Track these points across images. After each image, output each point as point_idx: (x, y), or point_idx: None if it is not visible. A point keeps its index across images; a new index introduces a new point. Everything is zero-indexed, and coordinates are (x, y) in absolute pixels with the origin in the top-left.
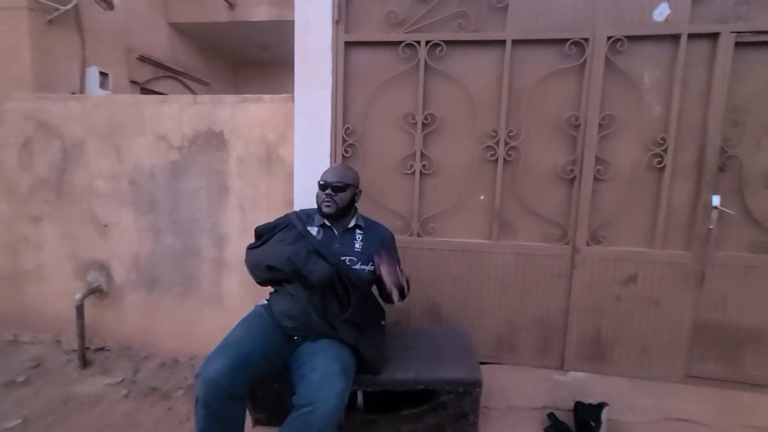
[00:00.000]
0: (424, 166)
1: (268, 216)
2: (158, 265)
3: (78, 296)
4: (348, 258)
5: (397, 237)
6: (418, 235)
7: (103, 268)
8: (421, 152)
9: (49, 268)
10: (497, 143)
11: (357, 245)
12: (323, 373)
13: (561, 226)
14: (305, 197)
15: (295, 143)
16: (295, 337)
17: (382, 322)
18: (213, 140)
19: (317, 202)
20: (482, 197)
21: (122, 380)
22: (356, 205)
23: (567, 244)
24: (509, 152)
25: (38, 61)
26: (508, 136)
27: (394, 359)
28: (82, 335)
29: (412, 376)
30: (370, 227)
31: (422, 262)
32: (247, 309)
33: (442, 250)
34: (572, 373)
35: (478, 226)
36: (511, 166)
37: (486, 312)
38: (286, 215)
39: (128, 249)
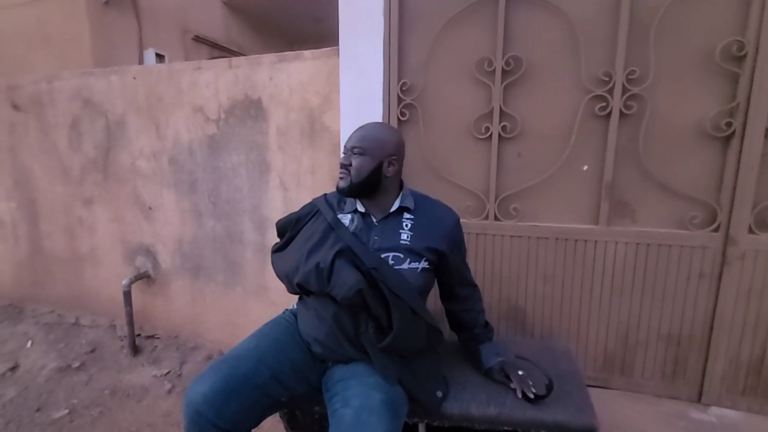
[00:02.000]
0: (504, 128)
1: (312, 196)
2: (201, 251)
3: (124, 282)
4: (391, 255)
5: (469, 221)
6: (496, 219)
7: (150, 252)
8: (501, 109)
9: (102, 252)
10: (611, 91)
11: (404, 236)
12: (358, 409)
13: (707, 205)
14: None
15: (341, 107)
16: (325, 360)
17: (438, 349)
18: (251, 109)
19: None
20: (586, 167)
21: (168, 372)
22: (399, 180)
23: (716, 230)
24: (628, 103)
25: (97, 45)
26: (628, 80)
27: (466, 385)
28: (131, 322)
29: (494, 413)
30: (424, 207)
31: (501, 253)
32: (292, 301)
33: (528, 237)
34: (716, 410)
35: (580, 206)
36: (631, 121)
37: (590, 320)
38: (312, 201)
39: (172, 233)
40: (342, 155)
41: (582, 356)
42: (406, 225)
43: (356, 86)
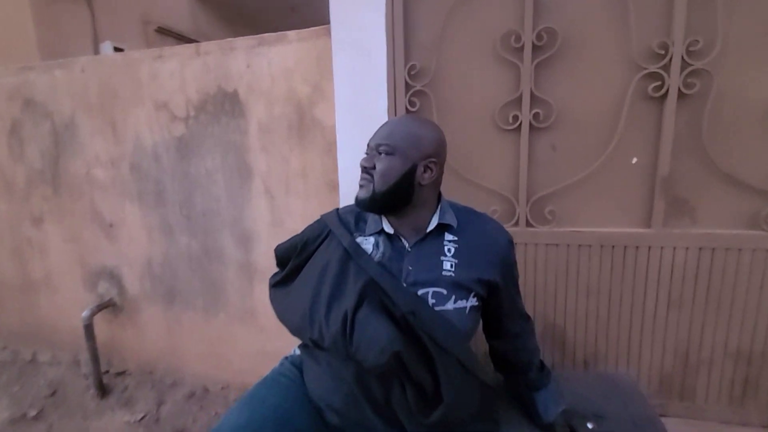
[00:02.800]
0: (536, 116)
1: (304, 205)
2: (175, 272)
3: (85, 314)
4: (431, 291)
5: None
6: (528, 224)
7: (114, 276)
8: (532, 93)
9: (57, 277)
10: (666, 67)
11: (447, 264)
12: None
13: None
14: (356, 176)
15: (335, 97)
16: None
17: (494, 414)
18: (226, 104)
19: None
20: (635, 160)
21: (143, 417)
22: (437, 190)
23: None
24: (689, 80)
25: (44, 38)
26: (689, 53)
27: None
28: (95, 359)
29: None
30: (468, 225)
31: (535, 264)
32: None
33: (567, 245)
34: None
35: (630, 206)
36: (692, 103)
37: (642, 339)
38: (320, 218)
39: (138, 252)
40: (364, 155)
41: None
42: (449, 250)
43: (353, 71)
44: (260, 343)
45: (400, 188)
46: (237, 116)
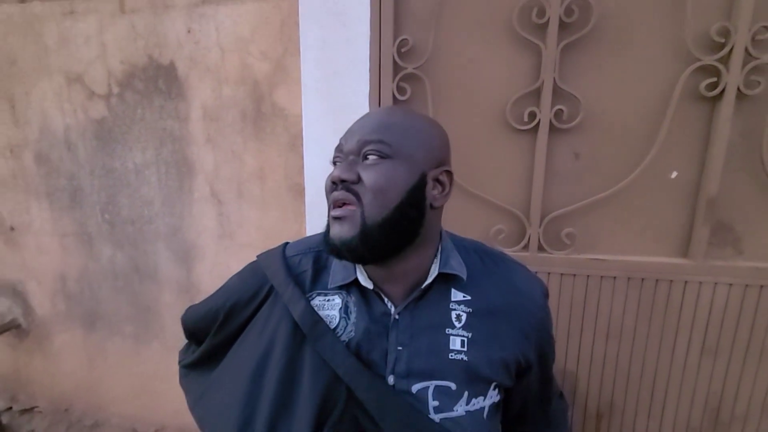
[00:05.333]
0: (558, 113)
1: (261, 214)
2: (96, 291)
3: None
4: (432, 386)
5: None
6: (541, 248)
7: (17, 293)
8: (555, 84)
9: None
10: (725, 59)
11: (456, 342)
12: None
13: None
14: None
15: (303, 78)
16: None
17: None
18: (159, 80)
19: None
20: (675, 174)
21: None
22: (439, 220)
23: None
24: (752, 78)
25: None
26: (754, 43)
27: None
28: None
29: None
30: (484, 274)
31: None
32: None
33: (587, 276)
34: None
35: (666, 231)
36: (753, 107)
37: (668, 390)
38: (256, 263)
39: (49, 265)
40: (334, 162)
41: None
42: (458, 317)
43: (327, 45)
44: None
45: (407, 216)
46: (175, 97)
